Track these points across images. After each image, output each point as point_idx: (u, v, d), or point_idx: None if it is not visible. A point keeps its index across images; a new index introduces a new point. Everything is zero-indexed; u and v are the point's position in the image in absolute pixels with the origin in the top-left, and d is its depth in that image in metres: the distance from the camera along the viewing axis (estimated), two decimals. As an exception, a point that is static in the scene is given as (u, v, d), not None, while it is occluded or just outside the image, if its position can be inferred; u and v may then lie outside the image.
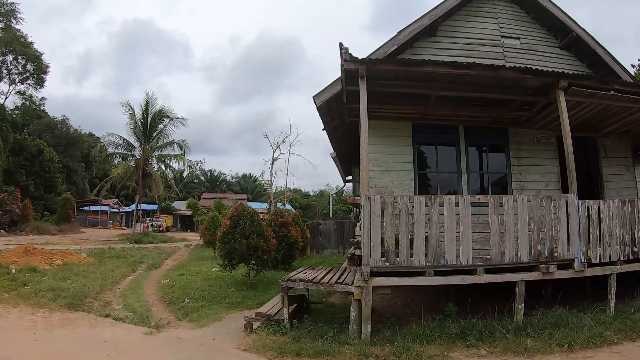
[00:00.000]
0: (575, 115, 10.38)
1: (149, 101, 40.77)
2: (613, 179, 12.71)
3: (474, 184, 11.68)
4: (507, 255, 8.15)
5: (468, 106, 10.56)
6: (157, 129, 41.89)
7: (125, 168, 41.66)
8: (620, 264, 8.88)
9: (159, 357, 7.33)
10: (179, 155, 44.20)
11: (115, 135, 41.38)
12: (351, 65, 8.13)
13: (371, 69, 8.30)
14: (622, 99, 9.49)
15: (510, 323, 7.89)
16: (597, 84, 9.32)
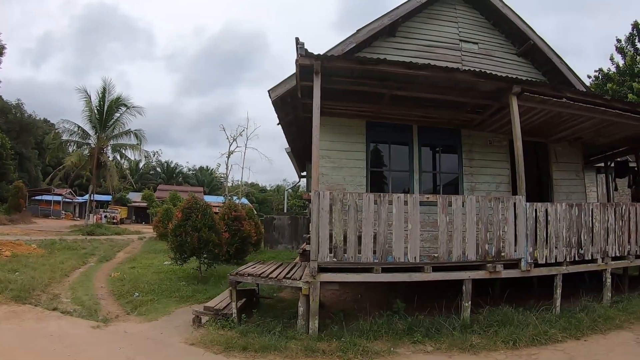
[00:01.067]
0: (527, 120, 10.70)
1: (106, 88, 39.62)
2: (563, 183, 13.16)
3: (427, 184, 12.01)
4: (455, 254, 8.38)
5: (422, 106, 10.75)
6: (114, 117, 40.87)
7: (79, 157, 40.55)
8: (567, 265, 9.24)
9: (105, 352, 7.24)
10: (135, 145, 43.24)
11: (70, 122, 40.18)
12: (306, 60, 8.19)
13: (326, 65, 8.38)
14: (574, 107, 9.87)
15: (457, 320, 8.09)
16: (549, 91, 9.64)
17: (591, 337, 7.84)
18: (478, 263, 8.59)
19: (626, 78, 22.96)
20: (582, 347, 7.35)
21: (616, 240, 9.98)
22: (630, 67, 23.67)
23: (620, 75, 24.46)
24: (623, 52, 25.87)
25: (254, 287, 10.59)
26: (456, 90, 9.87)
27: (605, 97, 10.56)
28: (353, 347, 7.12)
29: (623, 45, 26.62)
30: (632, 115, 10.63)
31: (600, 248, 9.71)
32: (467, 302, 8.34)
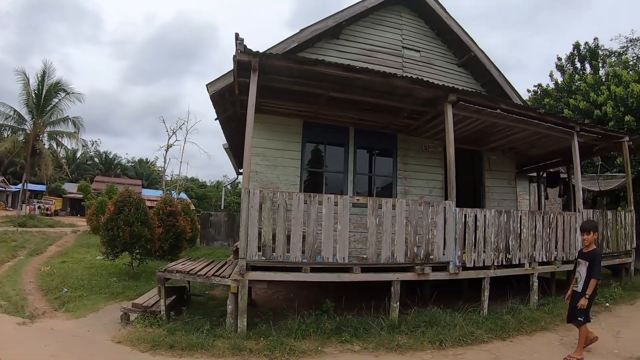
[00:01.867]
0: (463, 129, 11.00)
1: (46, 71, 37.83)
2: (495, 191, 13.61)
3: (363, 186, 12.16)
4: (384, 255, 8.51)
5: (360, 109, 10.90)
6: (52, 102, 39.22)
7: (13, 142, 38.73)
8: (494, 269, 9.57)
9: (30, 349, 7.02)
10: (73, 134, 41.54)
11: (5, 106, 38.28)
12: (244, 57, 8.10)
13: (264, 62, 8.33)
14: (508, 118, 10.25)
15: (385, 320, 8.20)
16: (485, 101, 9.96)
17: (517, 338, 8.10)
18: (407, 265, 8.74)
19: (563, 94, 23.72)
20: (508, 348, 7.57)
21: (543, 247, 10.40)
22: (568, 84, 24.49)
23: (558, 92, 25.31)
24: (563, 69, 26.78)
25: (184, 285, 10.46)
26: (394, 96, 10.04)
27: (539, 111, 11.05)
28: (280, 346, 7.12)
29: (563, 64, 27.57)
30: (564, 129, 11.07)
31: (528, 253, 10.11)
32: (396, 302, 8.46)
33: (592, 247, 7.19)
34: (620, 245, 12.72)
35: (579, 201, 11.50)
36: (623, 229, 12.87)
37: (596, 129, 12.23)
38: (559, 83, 26.66)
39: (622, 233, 12.84)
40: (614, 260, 12.73)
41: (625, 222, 12.97)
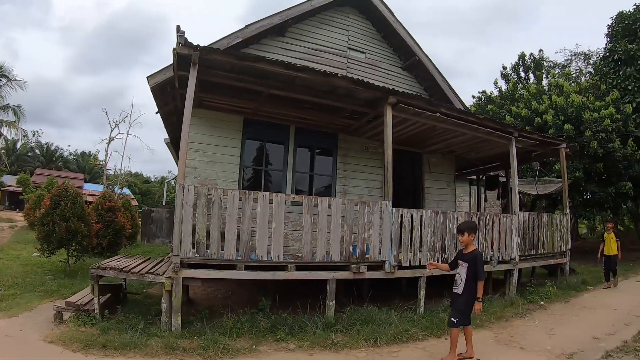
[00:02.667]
0: (403, 131, 10.93)
1: None
2: (434, 192, 13.65)
3: (305, 185, 12.02)
4: (319, 254, 8.31)
5: (301, 108, 10.65)
6: (-9, 89, 36.03)
7: (-53, 131, 35.77)
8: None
9: None
10: (13, 123, 38.71)
11: None
12: (185, 50, 7.74)
13: (205, 57, 7.99)
14: (447, 122, 10.19)
15: (321, 319, 8.03)
16: (425, 104, 9.88)
17: (451, 335, 8.06)
18: (343, 264, 8.57)
19: (506, 102, 24.12)
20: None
21: (479, 247, 10.32)
22: (511, 92, 25.00)
23: (501, 99, 25.74)
24: (507, 78, 27.37)
25: (121, 283, 10.00)
26: (335, 95, 9.86)
27: (478, 116, 11.01)
28: (214, 344, 6.84)
29: (508, 73, 28.18)
30: (502, 134, 11.09)
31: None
32: (332, 301, 8.28)
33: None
34: (556, 247, 12.89)
35: (516, 204, 11.58)
36: (558, 231, 13.04)
37: (534, 135, 12.34)
38: (503, 91, 27.23)
39: (558, 235, 13.01)
40: (549, 261, 12.95)
41: (560, 224, 13.14)
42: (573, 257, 20.58)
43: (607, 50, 24.16)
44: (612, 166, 19.30)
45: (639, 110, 21.11)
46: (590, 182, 19.78)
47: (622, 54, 22.11)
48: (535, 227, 12.17)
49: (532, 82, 26.21)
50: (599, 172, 19.29)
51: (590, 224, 40.77)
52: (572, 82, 24.85)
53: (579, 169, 18.85)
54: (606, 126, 18.57)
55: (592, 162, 18.98)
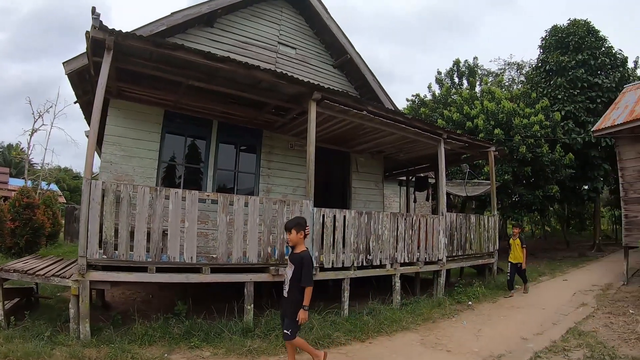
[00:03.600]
0: (330, 129, 10.46)
1: None
2: (362, 192, 13.25)
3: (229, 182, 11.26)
4: (235, 255, 7.65)
5: (225, 102, 9.98)
6: None
7: None
8: (355, 270, 9.03)
9: None
10: None
11: None
12: (99, 34, 6.94)
13: (121, 42, 7.16)
14: (375, 121, 9.75)
15: (240, 324, 7.47)
16: (351, 102, 9.37)
17: (377, 339, 7.61)
18: (261, 265, 7.96)
19: (439, 105, 24.26)
20: (366, 350, 7.04)
21: (405, 248, 10.06)
22: (444, 97, 25.11)
23: (434, 103, 25.89)
24: (441, 83, 27.41)
25: (32, 286, 9.09)
26: (258, 90, 9.21)
27: (406, 116, 10.66)
28: (122, 353, 6.13)
29: (442, 78, 28.28)
30: (431, 135, 10.75)
31: (389, 254, 9.71)
32: (250, 305, 7.67)
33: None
34: (484, 247, 12.71)
35: (443, 205, 11.30)
36: (486, 232, 12.85)
37: (464, 137, 12.09)
38: (436, 95, 27.35)
39: (485, 235, 12.82)
40: (478, 261, 12.75)
41: (488, 225, 12.95)
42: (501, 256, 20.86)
43: (539, 60, 25.03)
44: (540, 170, 19.60)
45: (567, 118, 21.76)
46: (518, 185, 20.01)
47: (554, 65, 22.93)
48: (463, 228, 11.93)
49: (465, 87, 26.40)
50: (527, 175, 19.45)
51: None
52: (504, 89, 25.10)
53: (508, 172, 19.00)
54: (535, 132, 18.85)
55: (521, 166, 19.18)
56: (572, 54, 22.83)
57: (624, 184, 13.20)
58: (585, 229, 38.22)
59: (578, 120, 21.90)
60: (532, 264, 18.26)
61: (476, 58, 28.51)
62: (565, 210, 32.83)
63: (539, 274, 15.69)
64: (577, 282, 13.69)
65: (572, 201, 25.84)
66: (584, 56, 22.46)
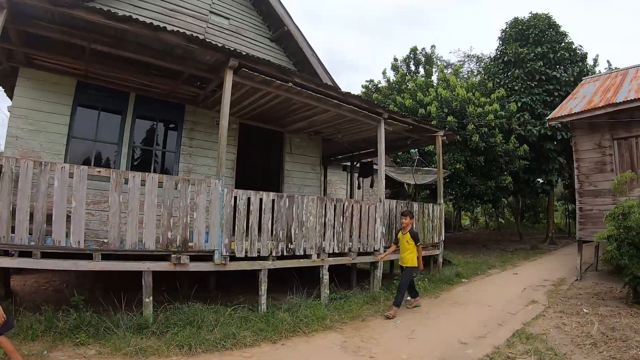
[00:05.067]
0: (256, 103, 9.52)
1: None
2: (297, 176, 12.23)
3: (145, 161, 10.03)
4: (129, 241, 6.51)
5: (142, 72, 8.79)
6: None
7: None
8: (273, 260, 7.92)
9: None
10: None
11: None
12: None
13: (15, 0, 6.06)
14: (303, 95, 8.67)
15: (139, 318, 6.41)
16: (275, 72, 8.20)
17: (291, 341, 6.57)
18: (162, 253, 6.84)
19: (393, 92, 23.42)
20: (274, 354, 6.02)
21: (335, 237, 9.00)
22: (399, 84, 24.37)
23: (388, 89, 25.06)
24: (397, 70, 26.53)
25: None
26: (173, 57, 8.04)
27: (341, 91, 9.46)
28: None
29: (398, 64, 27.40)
30: (370, 114, 9.73)
31: (316, 243, 8.61)
32: (148, 297, 6.56)
33: None
34: (427, 238, 11.72)
35: (381, 190, 10.29)
36: (431, 222, 11.91)
37: (407, 119, 11.10)
38: (391, 81, 26.56)
39: (430, 225, 11.88)
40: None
41: (433, 214, 12.01)
42: (453, 247, 20.16)
43: (498, 52, 24.87)
44: (494, 160, 19.09)
45: (523, 110, 21.46)
46: (471, 175, 19.26)
47: (512, 56, 22.67)
48: None
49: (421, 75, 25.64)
50: (480, 165, 18.80)
51: (473, 215, 41.95)
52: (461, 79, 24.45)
53: (460, 162, 18.32)
54: (489, 121, 18.24)
55: (474, 156, 18.55)
56: (531, 47, 22.65)
57: (579, 175, 12.50)
58: (539, 222, 38.56)
59: (534, 113, 21.60)
60: (483, 256, 17.58)
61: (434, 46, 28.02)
62: (519, 202, 32.74)
63: (488, 266, 14.90)
64: (528, 276, 12.91)
65: (526, 194, 25.75)
66: (543, 49, 22.35)
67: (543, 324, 7.68)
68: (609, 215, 9.38)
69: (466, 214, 41.18)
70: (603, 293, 10.01)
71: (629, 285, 8.87)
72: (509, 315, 8.28)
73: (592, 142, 12.31)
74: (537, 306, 9.03)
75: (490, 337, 6.93)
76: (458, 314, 8.46)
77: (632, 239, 8.53)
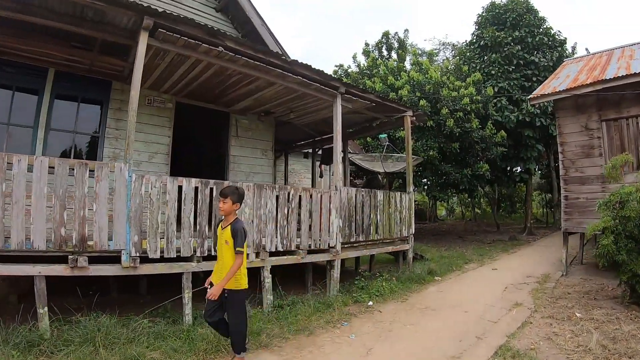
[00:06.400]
0: (189, 76, 8.19)
1: None
2: (244, 162, 10.85)
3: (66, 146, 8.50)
4: (15, 239, 5.09)
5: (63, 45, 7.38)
6: None
7: None
8: (198, 261, 6.47)
9: None
10: None
11: None
12: None
13: None
14: (239, 62, 7.25)
15: (32, 333, 5.10)
16: (202, 34, 6.75)
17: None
18: (56, 254, 5.40)
19: (364, 77, 22.06)
20: None
21: (279, 231, 7.55)
22: (370, 68, 23.02)
23: (359, 74, 23.74)
24: (368, 54, 25.29)
25: None
26: (87, 22, 6.55)
27: (284, 58, 7.95)
28: None
29: (369, 49, 26.31)
30: (323, 87, 8.33)
31: (253, 240, 7.11)
32: (43, 307, 5.21)
33: None
34: (395, 231, 10.38)
35: (337, 176, 8.85)
36: (398, 213, 10.55)
37: (370, 95, 9.67)
38: (362, 66, 25.40)
39: (397, 217, 10.52)
40: (387, 248, 10.44)
41: (401, 204, 10.65)
42: (428, 239, 18.94)
43: (474, 36, 23.83)
44: (469, 147, 17.85)
45: (501, 95, 20.40)
46: (445, 163, 18.01)
47: (489, 40, 21.80)
48: (366, 207, 9.50)
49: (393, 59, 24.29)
50: (455, 152, 17.51)
51: (449, 206, 41.31)
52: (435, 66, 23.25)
53: (434, 148, 16.96)
54: (465, 105, 17.00)
55: (448, 142, 17.26)
56: (508, 31, 21.64)
57: (564, 161, 11.29)
58: (515, 212, 37.88)
59: (512, 98, 20.48)
60: (459, 249, 16.33)
61: (407, 31, 26.86)
62: (496, 192, 31.76)
63: (465, 260, 13.45)
64: (509, 271, 11.53)
65: (504, 183, 24.68)
66: (521, 33, 21.38)
67: (531, 334, 6.34)
68: (603, 203, 8.15)
69: (442, 204, 40.29)
70: (594, 291, 8.80)
71: (626, 284, 7.66)
72: (489, 325, 6.89)
73: (578, 124, 11.14)
74: (522, 310, 7.70)
75: (467, 356, 5.57)
76: (429, 323, 7.02)
77: (630, 231, 7.33)
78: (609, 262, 7.59)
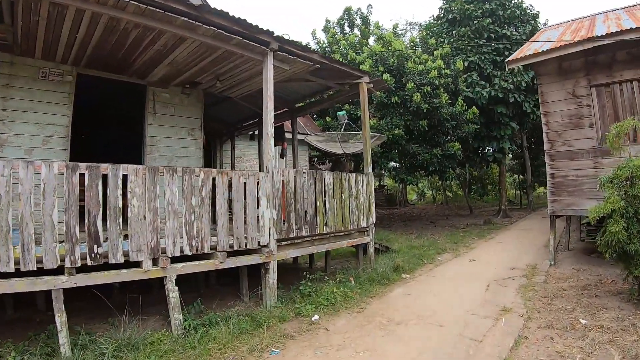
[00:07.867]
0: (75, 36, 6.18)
1: None
2: (165, 143, 8.78)
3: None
4: None
5: None
6: None
7: None
8: (70, 274, 4.49)
9: None
10: None
11: None
12: None
13: None
14: (129, 10, 5.11)
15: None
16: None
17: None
18: None
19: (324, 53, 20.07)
20: None
21: (185, 229, 5.46)
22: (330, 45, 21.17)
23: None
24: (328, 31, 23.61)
25: None
26: None
27: (190, 3, 5.71)
28: None
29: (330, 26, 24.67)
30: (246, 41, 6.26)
31: (147, 242, 5.06)
32: None
33: None
34: (350, 221, 8.31)
35: (267, 156, 6.70)
36: (354, 199, 8.47)
37: (313, 55, 7.54)
38: (322, 43, 23.52)
39: (354, 204, 8.45)
40: (340, 242, 8.27)
41: (357, 189, 8.60)
42: (397, 226, 17.18)
43: (442, 10, 22.08)
44: (439, 125, 16.04)
45: (471, 70, 18.85)
46: (412, 142, 16.10)
47: (458, 13, 20.34)
48: (310, 193, 7.42)
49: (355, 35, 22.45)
50: (424, 130, 15.63)
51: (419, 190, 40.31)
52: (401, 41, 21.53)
53: (400, 126, 15.08)
54: (432, 79, 15.19)
55: (415, 119, 15.34)
56: (478, 4, 19.92)
57: (549, 133, 9.62)
58: (487, 194, 36.83)
59: (483, 74, 18.80)
60: (430, 236, 14.51)
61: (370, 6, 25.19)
62: (467, 173, 30.48)
63: (437, 250, 11.44)
64: (490, 263, 9.67)
65: (476, 163, 23.23)
66: (492, 6, 19.75)
67: (529, 357, 4.42)
68: (608, 180, 6.38)
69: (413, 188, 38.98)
70: (592, 286, 7.05)
71: (637, 279, 5.96)
72: (472, 345, 4.84)
73: (564, 91, 9.48)
74: (512, 318, 5.73)
75: None
76: (390, 347, 4.92)
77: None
78: (617, 253, 5.79)
